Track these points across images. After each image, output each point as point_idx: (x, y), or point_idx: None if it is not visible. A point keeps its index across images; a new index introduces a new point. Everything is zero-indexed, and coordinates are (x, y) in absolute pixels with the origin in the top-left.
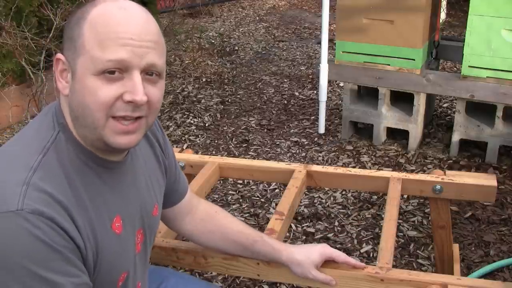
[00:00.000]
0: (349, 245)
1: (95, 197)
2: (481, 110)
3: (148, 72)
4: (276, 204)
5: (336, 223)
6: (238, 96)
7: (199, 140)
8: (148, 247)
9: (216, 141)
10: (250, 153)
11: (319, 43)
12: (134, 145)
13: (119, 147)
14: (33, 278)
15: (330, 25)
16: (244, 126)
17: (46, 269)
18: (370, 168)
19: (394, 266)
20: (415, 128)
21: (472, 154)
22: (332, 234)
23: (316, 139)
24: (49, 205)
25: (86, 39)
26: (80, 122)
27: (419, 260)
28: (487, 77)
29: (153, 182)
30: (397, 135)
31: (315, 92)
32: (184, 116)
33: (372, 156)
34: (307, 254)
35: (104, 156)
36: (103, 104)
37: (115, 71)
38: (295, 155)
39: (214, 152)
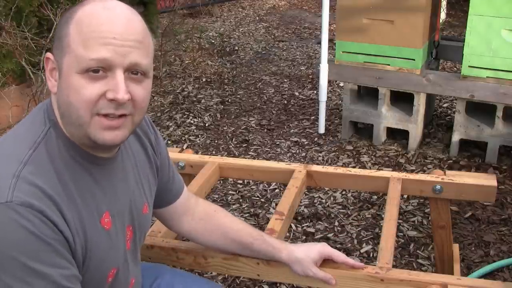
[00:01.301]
0: (349, 245)
1: (84, 192)
2: (481, 110)
3: (133, 71)
4: (276, 204)
5: (336, 223)
6: (238, 96)
7: (199, 140)
8: (138, 245)
9: (216, 141)
10: (250, 153)
11: (319, 43)
12: (119, 142)
13: (104, 143)
14: (23, 269)
15: (330, 25)
16: (244, 126)
17: (35, 260)
18: (370, 168)
19: (394, 266)
20: (415, 128)
21: (472, 154)
22: (332, 234)
23: (316, 139)
24: (39, 198)
25: (71, 38)
26: (67, 120)
27: (419, 260)
28: (487, 77)
29: (143, 181)
30: (397, 135)
31: (315, 92)
32: (184, 116)
33: (372, 156)
34: (307, 252)
35: (93, 152)
36: (86, 102)
37: (99, 70)
38: (295, 155)
39: (214, 152)
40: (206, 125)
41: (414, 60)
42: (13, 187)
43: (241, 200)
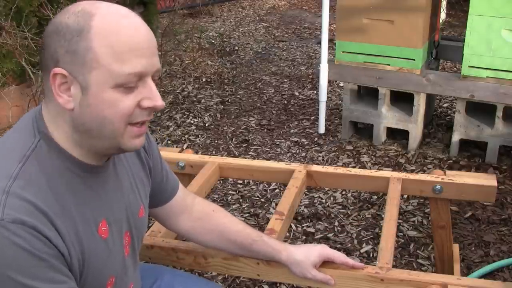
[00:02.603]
0: (349, 245)
1: (79, 203)
2: (481, 110)
3: (153, 77)
4: (276, 204)
5: (336, 223)
6: (238, 96)
7: (199, 140)
8: (136, 249)
9: (216, 141)
10: (250, 153)
11: (319, 43)
12: (142, 145)
13: (135, 149)
14: (19, 287)
15: (330, 25)
16: (244, 126)
17: (31, 277)
18: (370, 168)
19: (394, 266)
20: (415, 128)
21: (472, 154)
22: (332, 234)
23: (316, 139)
24: (31, 213)
25: (98, 52)
26: (94, 134)
27: (419, 260)
28: (487, 77)
29: (137, 184)
30: (397, 135)
31: (315, 92)
32: (184, 116)
33: (372, 156)
34: (306, 254)
35: (87, 161)
36: (124, 114)
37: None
38: (295, 155)
39: (214, 152)
40: (206, 125)
41: (414, 60)
42: (3, 204)
43: (241, 200)
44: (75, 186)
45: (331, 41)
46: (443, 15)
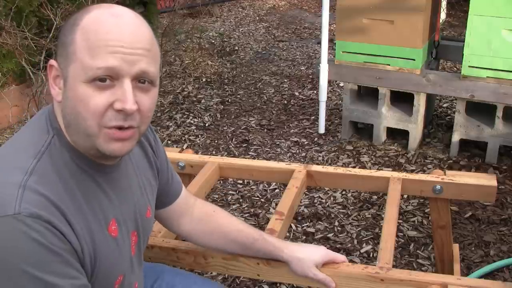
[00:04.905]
0: (349, 245)
1: (91, 201)
2: (481, 110)
3: (140, 80)
4: (276, 204)
5: (336, 223)
6: (238, 96)
7: (199, 140)
8: (142, 249)
9: (216, 141)
10: (250, 153)
11: (319, 43)
12: (125, 153)
13: (112, 154)
14: (33, 281)
15: (330, 25)
16: (244, 126)
17: (45, 271)
18: (370, 168)
19: (394, 266)
20: (415, 128)
21: (472, 154)
22: (332, 234)
23: (316, 139)
24: (46, 208)
25: (77, 46)
26: (73, 129)
27: (419, 260)
28: (487, 77)
29: (145, 185)
30: (397, 135)
31: (315, 92)
32: (184, 116)
33: (372, 156)
34: (309, 253)
35: (98, 160)
36: (95, 112)
37: (106, 79)
38: (295, 155)
39: (214, 152)
40: (206, 125)
41: (414, 60)
42: (20, 198)
43: (241, 200)
44: (85, 183)
45: (331, 41)
46: (443, 15)
